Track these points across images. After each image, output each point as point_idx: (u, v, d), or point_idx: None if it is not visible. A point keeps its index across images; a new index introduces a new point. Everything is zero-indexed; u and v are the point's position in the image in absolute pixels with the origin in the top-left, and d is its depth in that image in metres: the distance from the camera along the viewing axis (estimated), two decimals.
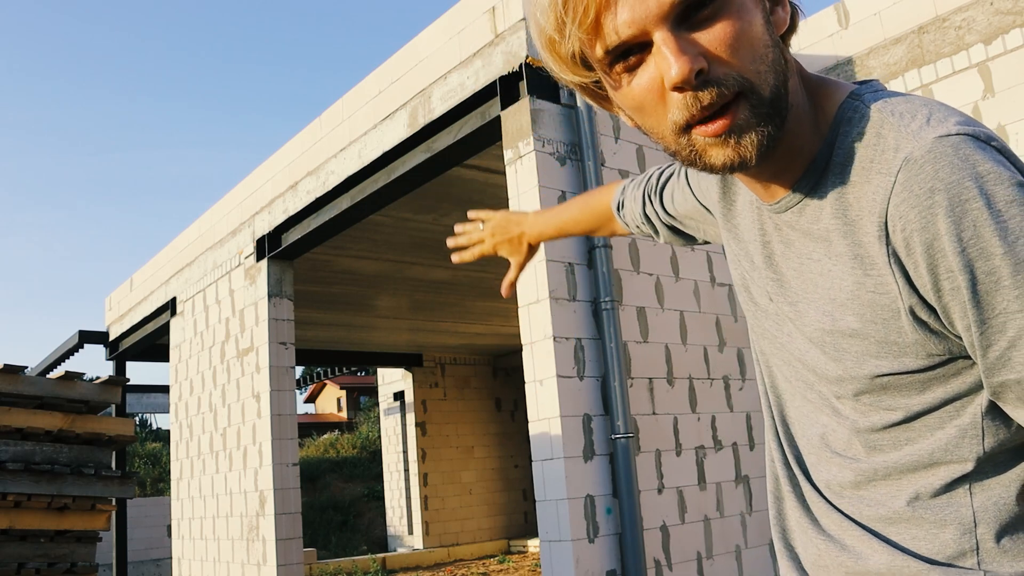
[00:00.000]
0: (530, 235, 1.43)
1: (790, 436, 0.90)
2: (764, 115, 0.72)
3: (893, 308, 0.72)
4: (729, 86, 0.70)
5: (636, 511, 4.18)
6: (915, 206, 0.68)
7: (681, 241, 1.20)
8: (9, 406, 4.38)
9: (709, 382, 4.88)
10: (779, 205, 0.82)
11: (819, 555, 0.85)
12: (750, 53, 0.71)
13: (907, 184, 0.68)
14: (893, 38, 5.01)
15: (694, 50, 0.69)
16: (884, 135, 0.73)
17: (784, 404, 0.91)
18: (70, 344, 10.97)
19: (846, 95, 0.79)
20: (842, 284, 0.76)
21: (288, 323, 7.08)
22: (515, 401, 13.96)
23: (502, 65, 4.65)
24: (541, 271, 4.26)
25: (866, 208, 0.73)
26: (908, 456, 0.77)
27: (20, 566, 4.33)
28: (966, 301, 0.67)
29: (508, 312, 10.31)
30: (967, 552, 0.74)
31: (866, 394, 0.77)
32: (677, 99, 0.71)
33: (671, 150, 0.76)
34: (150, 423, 25.62)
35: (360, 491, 18.34)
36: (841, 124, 0.77)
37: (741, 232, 0.92)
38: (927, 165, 0.67)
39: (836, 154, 0.77)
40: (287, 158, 6.81)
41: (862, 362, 0.76)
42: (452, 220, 6.97)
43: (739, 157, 0.72)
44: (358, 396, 33.14)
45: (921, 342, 0.72)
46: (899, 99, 0.75)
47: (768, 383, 0.93)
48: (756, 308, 0.91)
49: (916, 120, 0.71)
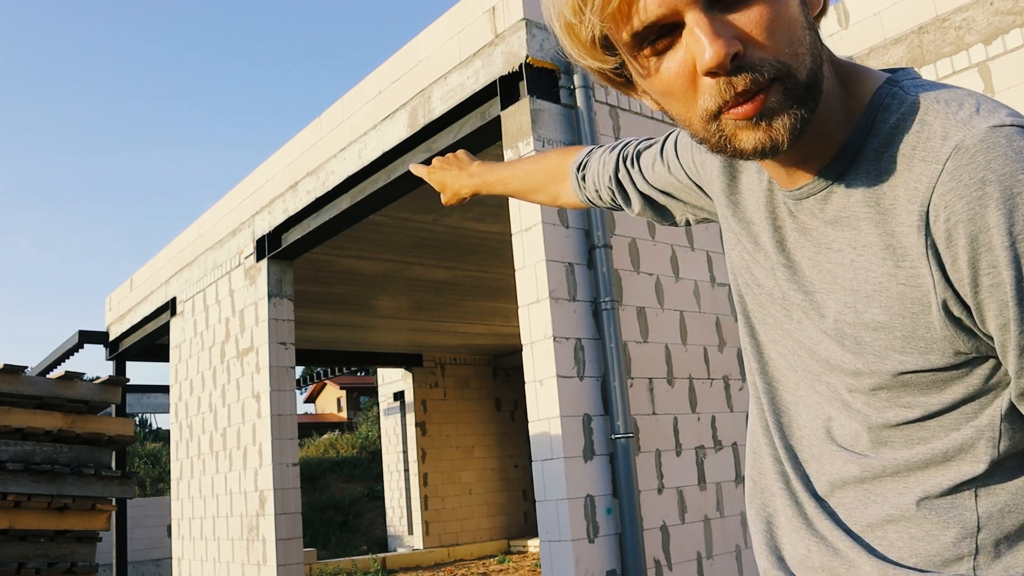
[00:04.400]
0: (468, 184, 1.39)
1: (781, 426, 0.86)
2: (798, 98, 0.68)
3: (924, 302, 0.69)
4: (765, 72, 0.66)
5: (636, 511, 4.18)
6: (963, 196, 0.64)
7: (652, 214, 1.14)
8: (9, 406, 4.38)
9: (709, 382, 4.88)
10: (801, 191, 0.78)
11: (808, 555, 0.82)
12: (787, 36, 0.67)
13: (956, 173, 0.65)
14: (893, 38, 5.00)
15: (729, 33, 0.66)
16: (929, 122, 0.69)
17: (778, 392, 0.87)
18: (70, 344, 10.97)
19: (882, 81, 0.75)
20: (868, 275, 0.72)
21: (288, 323, 7.08)
22: (515, 401, 13.96)
23: (502, 65, 4.65)
24: (541, 271, 4.26)
25: (905, 196, 0.69)
26: (920, 455, 0.74)
27: (20, 566, 4.33)
28: (1008, 298, 0.64)
29: (508, 312, 10.31)
30: (964, 556, 0.72)
31: (884, 390, 0.74)
32: (709, 84, 0.68)
33: (699, 137, 0.73)
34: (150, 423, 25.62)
35: (360, 491, 18.34)
36: (878, 110, 0.73)
37: (746, 212, 0.88)
38: (979, 155, 0.64)
39: (871, 141, 0.73)
40: (287, 158, 6.81)
41: (885, 357, 0.72)
42: (452, 220, 6.97)
43: (771, 141, 0.69)
44: (358, 396, 33.13)
45: (950, 339, 0.69)
46: (943, 88, 0.72)
47: (758, 368, 0.89)
48: (760, 291, 0.86)
49: (964, 109, 0.68)
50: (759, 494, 0.90)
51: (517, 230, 4.44)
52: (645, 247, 4.75)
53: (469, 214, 6.82)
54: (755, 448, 0.91)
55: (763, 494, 0.89)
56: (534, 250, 4.32)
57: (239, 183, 7.72)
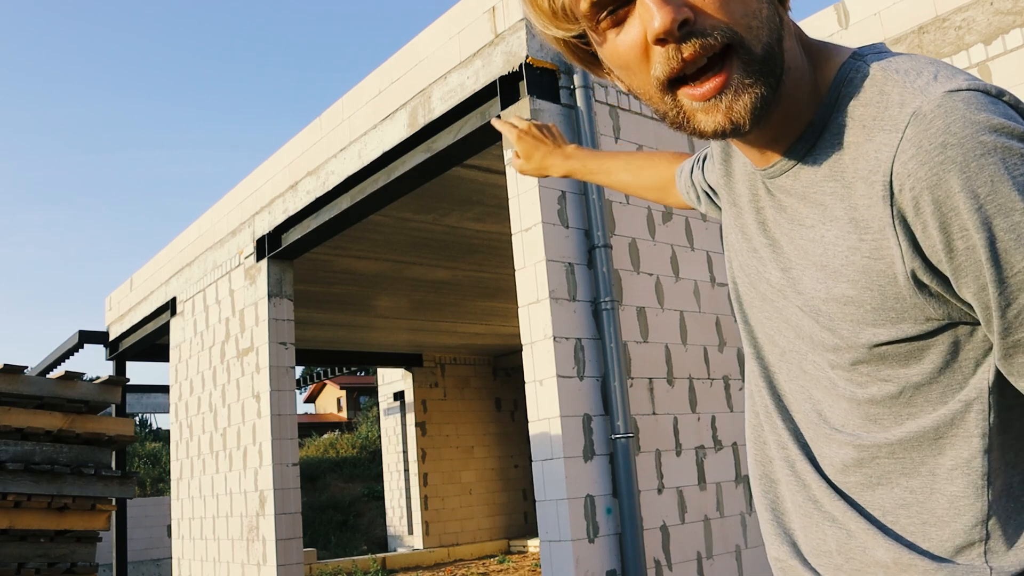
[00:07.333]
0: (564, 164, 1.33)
1: (782, 409, 0.85)
2: (756, 73, 0.67)
3: (889, 274, 0.68)
4: (715, 37, 0.65)
5: (636, 511, 4.18)
6: (925, 163, 0.63)
7: (716, 212, 1.13)
8: (9, 406, 4.38)
9: (709, 382, 4.88)
10: (773, 169, 0.78)
11: (823, 540, 0.81)
12: (740, 6, 0.67)
13: (915, 140, 0.64)
14: (893, 38, 5.00)
15: (678, 1, 0.65)
16: (888, 92, 0.69)
17: (774, 375, 0.86)
18: (70, 344, 10.97)
19: (847, 56, 0.75)
20: (835, 250, 0.72)
21: (288, 323, 7.09)
22: (515, 401, 13.96)
23: (502, 65, 4.65)
24: (541, 271, 4.26)
25: (866, 168, 0.68)
26: (911, 432, 0.73)
27: (20, 566, 4.33)
28: (983, 260, 0.63)
29: (508, 312, 10.31)
30: (975, 543, 0.72)
31: (863, 364, 0.74)
32: (659, 53, 0.67)
33: (659, 112, 0.72)
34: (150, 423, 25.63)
35: (360, 491, 18.34)
36: (842, 85, 0.73)
37: (737, 197, 0.88)
38: (937, 120, 0.64)
39: (835, 116, 0.73)
40: (287, 158, 6.81)
41: (859, 331, 0.72)
42: (452, 220, 6.97)
43: (731, 123, 0.68)
44: (358, 396, 33.14)
45: (920, 306, 0.69)
46: (903, 57, 0.72)
47: (754, 352, 0.89)
48: (748, 274, 0.86)
49: (923, 76, 0.68)
50: (766, 483, 0.89)
51: (517, 230, 4.44)
52: (645, 247, 4.75)
53: (469, 214, 6.82)
54: (756, 434, 0.90)
55: (770, 482, 0.88)
56: (534, 250, 4.32)
57: (239, 183, 7.73)
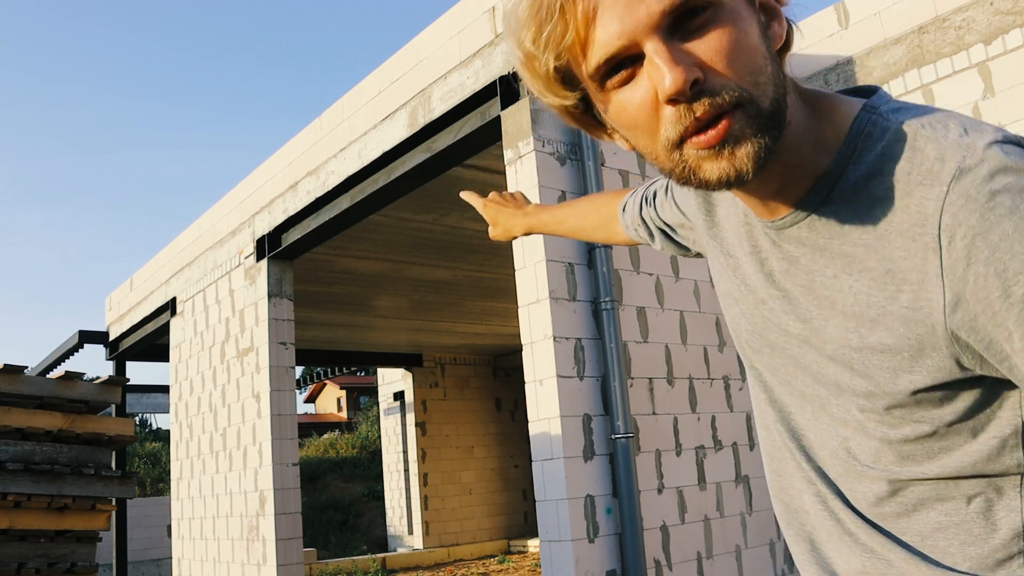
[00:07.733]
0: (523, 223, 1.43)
1: (804, 448, 0.87)
2: (761, 126, 0.68)
3: (928, 324, 0.69)
4: (726, 96, 0.67)
5: (636, 511, 4.18)
6: (975, 211, 0.65)
7: (674, 248, 1.17)
8: (9, 406, 4.38)
9: (709, 382, 4.88)
10: (783, 221, 0.79)
11: (863, 569, 0.82)
12: (748, 64, 0.68)
13: (963, 192, 0.66)
14: (893, 38, 5.00)
15: (688, 60, 0.66)
16: (921, 148, 0.70)
17: (791, 416, 0.87)
18: (70, 344, 10.97)
19: (858, 108, 0.76)
20: (870, 299, 0.73)
21: (288, 323, 7.09)
22: (515, 401, 13.96)
23: (502, 65, 4.65)
24: (541, 271, 4.26)
25: (906, 222, 0.70)
26: (944, 467, 0.75)
27: (20, 566, 4.33)
28: None
29: (508, 312, 10.31)
30: (1015, 555, 0.73)
31: (897, 408, 0.75)
32: (670, 113, 0.68)
33: (665, 169, 0.73)
34: (150, 423, 25.63)
35: (360, 491, 18.34)
36: (859, 138, 0.74)
37: (728, 247, 0.89)
38: (982, 171, 0.66)
39: (853, 168, 0.74)
40: (287, 158, 6.81)
41: (896, 378, 0.73)
42: (452, 220, 6.97)
43: (735, 170, 0.69)
44: (358, 396, 33.15)
45: (956, 355, 0.70)
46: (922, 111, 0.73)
47: (766, 397, 0.90)
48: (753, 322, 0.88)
49: (951, 131, 0.70)
50: (794, 516, 0.90)
51: None
52: (645, 247, 4.75)
53: (469, 214, 6.82)
54: (779, 471, 0.91)
55: (798, 515, 0.90)
56: (534, 250, 4.32)
57: (239, 183, 7.73)
